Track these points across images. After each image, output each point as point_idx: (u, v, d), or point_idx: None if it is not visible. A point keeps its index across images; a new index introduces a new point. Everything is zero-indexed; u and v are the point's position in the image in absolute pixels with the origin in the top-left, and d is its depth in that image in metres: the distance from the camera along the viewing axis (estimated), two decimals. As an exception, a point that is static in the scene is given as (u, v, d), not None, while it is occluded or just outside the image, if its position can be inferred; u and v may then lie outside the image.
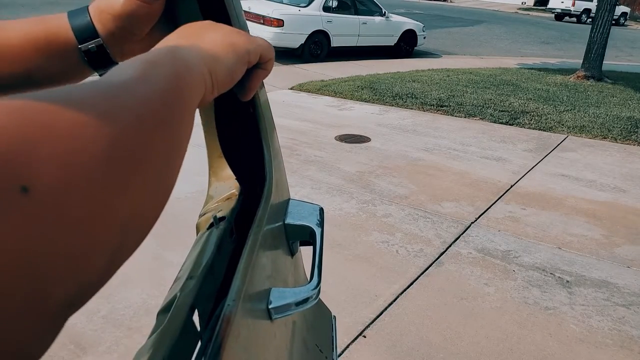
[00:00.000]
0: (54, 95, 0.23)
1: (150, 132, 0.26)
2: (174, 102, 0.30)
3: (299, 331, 0.65)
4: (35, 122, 0.20)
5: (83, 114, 0.22)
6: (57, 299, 0.20)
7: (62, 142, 0.20)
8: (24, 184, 0.18)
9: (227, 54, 0.41)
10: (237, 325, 0.41)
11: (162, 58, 0.33)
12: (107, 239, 0.22)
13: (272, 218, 0.56)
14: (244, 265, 0.45)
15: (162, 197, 0.28)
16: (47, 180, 0.19)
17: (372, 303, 2.51)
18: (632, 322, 2.52)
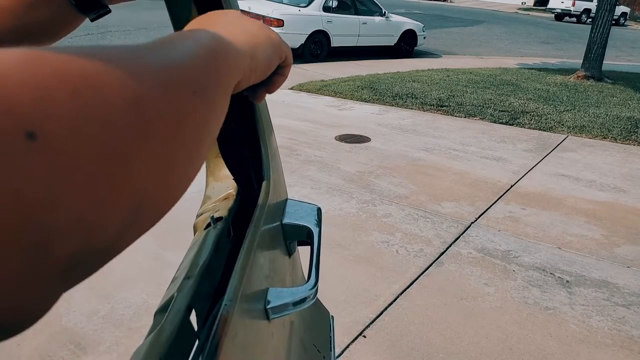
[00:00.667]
0: (79, 49, 0.22)
1: (177, 100, 0.25)
2: (207, 76, 0.30)
3: (297, 331, 0.65)
4: (51, 70, 0.19)
5: (106, 69, 0.22)
6: (61, 252, 0.19)
7: (78, 93, 0.20)
8: (31, 129, 0.18)
9: (266, 44, 0.42)
10: (234, 325, 0.41)
11: (201, 35, 0.33)
12: (120, 202, 0.21)
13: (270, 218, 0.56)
14: (241, 265, 0.45)
15: (185, 175, 0.27)
16: (58, 129, 0.19)
17: (372, 303, 2.51)
18: (632, 322, 2.52)
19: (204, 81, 0.29)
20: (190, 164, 0.27)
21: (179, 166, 0.26)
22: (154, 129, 0.23)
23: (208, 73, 0.30)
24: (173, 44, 0.29)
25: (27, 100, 0.18)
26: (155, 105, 0.24)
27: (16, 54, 0.19)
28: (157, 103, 0.24)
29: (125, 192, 0.22)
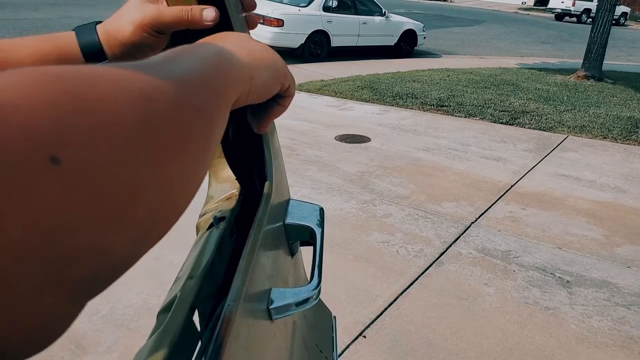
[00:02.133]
0: (91, 69, 0.22)
1: (183, 117, 0.26)
2: (211, 93, 0.30)
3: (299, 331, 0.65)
4: (71, 93, 0.20)
5: (117, 89, 0.22)
6: (80, 275, 0.19)
7: (95, 115, 0.20)
8: (54, 154, 0.18)
9: (268, 67, 0.42)
10: (237, 325, 0.41)
11: (205, 50, 0.34)
12: (134, 221, 0.22)
13: (272, 218, 0.56)
14: (244, 266, 0.45)
15: (191, 188, 0.28)
16: (79, 153, 0.19)
17: (372, 303, 2.51)
18: (633, 322, 2.52)
19: (208, 98, 0.29)
20: (195, 178, 0.28)
21: (186, 181, 0.27)
22: (163, 147, 0.24)
23: (212, 89, 0.30)
24: (178, 60, 0.30)
25: (48, 123, 0.18)
26: (164, 123, 0.24)
27: (30, 75, 0.19)
28: (165, 121, 0.24)
29: (139, 211, 0.22)
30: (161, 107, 0.24)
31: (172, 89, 0.26)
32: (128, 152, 0.21)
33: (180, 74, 0.28)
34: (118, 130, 0.21)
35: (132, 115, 0.22)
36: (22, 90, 0.18)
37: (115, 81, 0.22)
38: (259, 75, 0.40)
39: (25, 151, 0.17)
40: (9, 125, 0.17)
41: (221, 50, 0.36)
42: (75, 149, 0.19)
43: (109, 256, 0.21)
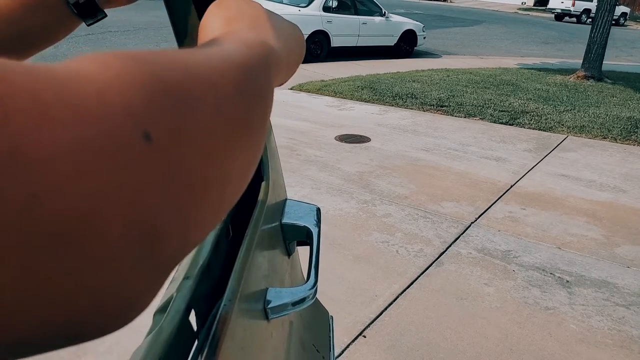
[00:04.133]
0: (163, 53, 0.23)
1: (247, 103, 0.27)
2: (265, 77, 0.31)
3: (296, 331, 0.65)
4: (151, 75, 0.20)
5: (190, 76, 0.23)
6: (164, 251, 0.20)
7: (175, 95, 0.21)
8: (147, 131, 0.18)
9: (297, 46, 0.42)
10: (233, 325, 0.41)
11: (248, 36, 0.34)
12: (214, 200, 0.23)
13: (269, 218, 0.56)
14: (240, 266, 0.45)
15: (251, 170, 0.29)
16: (166, 132, 0.19)
17: (372, 303, 2.51)
18: (632, 322, 2.52)
19: (262, 83, 0.30)
20: (253, 163, 0.30)
21: (246, 167, 0.28)
22: (231, 133, 0.25)
23: (264, 74, 0.31)
24: (230, 45, 0.31)
25: (140, 103, 0.19)
26: (231, 110, 0.25)
27: (119, 58, 0.20)
28: (232, 108, 0.25)
29: (213, 193, 0.23)
30: (228, 94, 0.25)
31: (235, 75, 0.27)
32: (205, 135, 0.22)
33: (237, 61, 0.29)
34: (196, 114, 0.22)
35: (205, 101, 0.23)
36: (114, 72, 0.19)
37: (186, 67, 0.23)
38: (292, 57, 0.41)
39: (124, 128, 0.18)
40: (109, 104, 0.18)
41: (262, 36, 0.36)
42: (163, 128, 0.19)
43: (191, 235, 0.22)
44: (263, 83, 0.31)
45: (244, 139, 0.26)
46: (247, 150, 0.27)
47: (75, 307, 0.16)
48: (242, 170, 0.27)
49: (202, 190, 0.22)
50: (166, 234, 0.19)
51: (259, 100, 0.29)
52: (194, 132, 0.21)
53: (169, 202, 0.19)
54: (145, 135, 0.18)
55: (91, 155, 0.16)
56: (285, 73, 0.39)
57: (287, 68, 0.39)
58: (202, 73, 0.24)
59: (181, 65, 0.23)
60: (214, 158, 0.23)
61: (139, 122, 0.18)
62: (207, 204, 0.23)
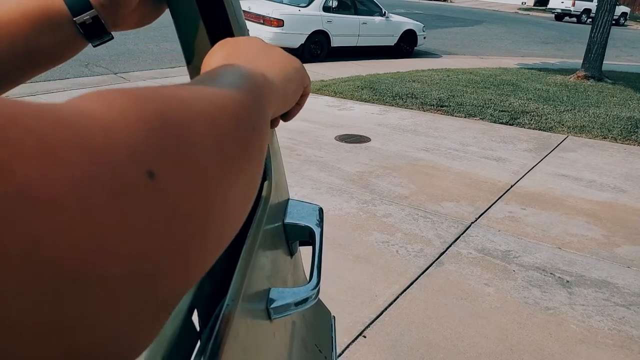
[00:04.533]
0: (164, 89, 0.23)
1: (245, 135, 0.27)
2: (258, 112, 0.31)
3: (298, 331, 0.65)
4: (157, 113, 0.21)
5: (190, 111, 0.23)
6: (169, 292, 0.20)
7: (177, 132, 0.21)
8: (150, 169, 0.18)
9: (294, 77, 0.43)
10: (236, 325, 0.41)
11: (244, 69, 0.35)
12: (213, 234, 0.23)
13: (272, 218, 0.56)
14: (243, 265, 0.45)
15: (249, 202, 0.29)
16: (168, 167, 0.19)
17: (372, 303, 2.51)
18: (632, 322, 2.52)
19: (259, 116, 0.31)
20: (251, 194, 0.30)
21: (244, 198, 0.28)
22: (230, 166, 0.25)
23: (260, 107, 0.32)
24: (227, 79, 0.31)
25: (143, 140, 0.19)
26: (230, 143, 0.25)
27: (124, 97, 0.20)
28: (230, 141, 0.25)
29: (214, 228, 0.23)
30: (228, 128, 0.25)
31: (233, 109, 0.27)
32: (206, 171, 0.22)
33: (234, 94, 0.29)
34: (198, 150, 0.22)
35: (208, 136, 0.23)
36: (119, 111, 0.19)
37: (188, 103, 0.23)
38: (289, 87, 0.41)
39: (129, 168, 0.18)
40: (115, 145, 0.18)
41: (258, 68, 0.37)
42: (167, 165, 0.19)
43: (193, 273, 0.21)
44: (260, 115, 0.31)
45: (242, 172, 0.27)
46: (246, 184, 0.27)
47: (76, 351, 0.16)
48: (240, 204, 0.27)
49: (203, 228, 0.22)
50: (168, 275, 0.19)
51: (256, 132, 0.29)
52: (195, 169, 0.21)
53: (172, 241, 0.19)
54: (149, 174, 0.18)
55: (97, 196, 0.16)
56: (282, 104, 0.40)
57: (283, 99, 0.39)
58: (203, 109, 0.24)
59: (183, 101, 0.23)
60: (214, 194, 0.23)
61: (144, 161, 0.18)
62: (207, 242, 0.22)
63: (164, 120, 0.21)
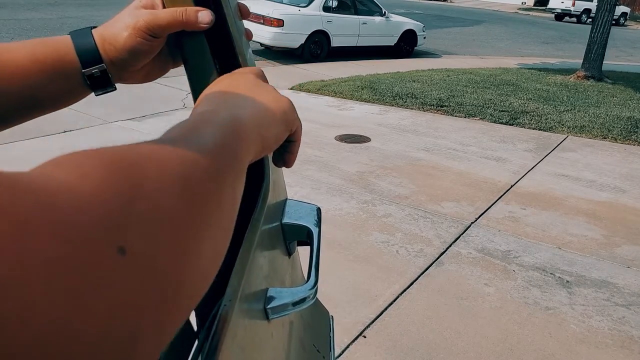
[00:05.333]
0: (135, 150, 0.23)
1: (217, 189, 0.27)
2: (235, 160, 0.32)
3: (296, 331, 0.65)
4: (127, 179, 0.20)
5: (161, 174, 0.23)
6: (140, 355, 0.19)
7: (151, 202, 0.21)
8: (121, 244, 0.18)
9: (279, 121, 0.43)
10: (233, 325, 0.41)
11: (223, 117, 0.35)
12: (185, 293, 0.23)
13: (269, 218, 0.56)
14: (240, 265, 0.45)
15: (224, 249, 0.29)
16: (141, 239, 0.19)
17: (372, 303, 2.51)
18: (633, 322, 2.52)
19: (232, 166, 0.31)
20: (226, 240, 0.30)
21: (218, 248, 0.28)
22: (202, 223, 0.25)
23: (234, 157, 0.32)
24: (201, 131, 0.31)
25: (117, 214, 0.18)
26: (201, 200, 0.25)
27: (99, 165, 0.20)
28: (202, 198, 0.25)
29: (191, 285, 0.23)
30: (199, 189, 0.25)
31: (205, 164, 0.27)
32: (179, 233, 0.22)
33: (207, 147, 0.29)
34: (171, 216, 0.22)
35: (180, 199, 0.23)
36: (94, 183, 0.19)
37: (162, 166, 0.23)
38: (271, 133, 0.42)
39: (99, 245, 0.17)
40: (86, 220, 0.17)
41: (236, 114, 0.37)
42: (139, 237, 0.19)
43: (165, 334, 0.21)
44: (234, 168, 0.31)
45: (216, 224, 0.26)
46: (219, 234, 0.27)
47: None
48: (214, 256, 0.27)
49: (176, 289, 0.21)
50: (141, 340, 0.19)
51: (229, 186, 0.29)
52: (168, 234, 0.21)
53: (143, 310, 0.19)
54: (120, 250, 0.18)
55: (65, 277, 0.16)
56: (261, 150, 0.40)
57: (262, 145, 0.39)
58: (177, 171, 0.24)
59: (159, 165, 0.23)
60: (187, 254, 0.23)
61: (115, 237, 0.18)
62: (182, 300, 0.22)
63: (138, 189, 0.20)
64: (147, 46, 0.52)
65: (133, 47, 0.52)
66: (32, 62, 0.50)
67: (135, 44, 0.52)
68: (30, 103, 0.52)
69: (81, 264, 0.16)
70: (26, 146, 3.98)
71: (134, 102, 5.36)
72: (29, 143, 4.03)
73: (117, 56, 0.53)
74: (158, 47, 0.54)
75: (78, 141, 4.32)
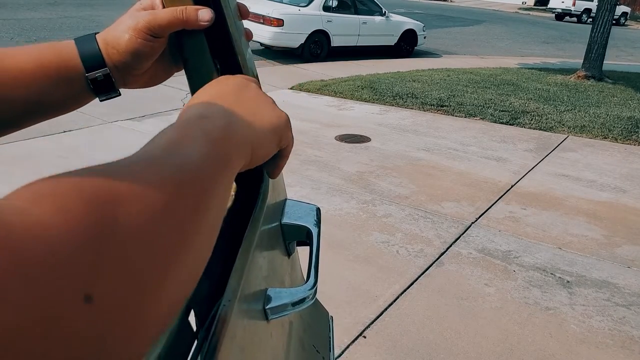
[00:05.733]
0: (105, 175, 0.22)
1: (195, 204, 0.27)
2: (217, 174, 0.32)
3: (296, 332, 0.64)
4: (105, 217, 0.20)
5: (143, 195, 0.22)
6: None
7: (127, 241, 0.20)
8: (88, 292, 0.17)
9: (269, 132, 0.43)
10: (233, 325, 0.41)
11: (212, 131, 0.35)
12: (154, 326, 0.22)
13: (269, 218, 0.56)
14: (240, 266, 0.45)
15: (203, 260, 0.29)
16: (108, 284, 0.19)
17: (372, 303, 2.51)
18: (633, 322, 2.51)
19: (220, 175, 0.31)
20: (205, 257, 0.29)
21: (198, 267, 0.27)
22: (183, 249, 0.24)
23: (224, 166, 0.32)
24: (190, 141, 0.31)
25: (86, 258, 0.18)
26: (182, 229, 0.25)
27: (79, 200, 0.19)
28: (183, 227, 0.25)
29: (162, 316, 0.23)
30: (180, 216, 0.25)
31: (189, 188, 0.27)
32: (151, 273, 0.21)
33: (194, 162, 0.29)
34: (144, 255, 0.21)
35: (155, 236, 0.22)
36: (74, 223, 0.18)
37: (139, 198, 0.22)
38: (260, 145, 0.41)
39: (66, 294, 0.17)
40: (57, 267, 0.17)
41: (230, 123, 0.37)
42: (107, 282, 0.19)
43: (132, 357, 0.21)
44: (224, 172, 0.31)
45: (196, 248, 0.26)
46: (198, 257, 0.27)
47: None
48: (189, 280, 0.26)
49: (145, 324, 0.21)
50: None
51: (217, 193, 0.29)
52: (141, 274, 0.21)
53: (112, 350, 0.19)
54: (86, 298, 0.17)
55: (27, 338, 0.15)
56: (249, 161, 0.39)
57: (250, 156, 0.39)
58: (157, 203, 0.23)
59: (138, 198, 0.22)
60: (160, 291, 0.22)
61: (82, 285, 0.17)
62: (149, 333, 0.22)
63: (115, 229, 0.20)
64: (148, 47, 0.52)
65: (135, 49, 0.52)
66: (36, 67, 0.50)
67: (137, 45, 0.52)
68: (34, 108, 0.52)
69: (41, 311, 0.16)
70: (26, 146, 3.98)
71: (134, 101, 5.36)
72: (29, 143, 4.03)
73: (120, 59, 0.53)
74: (160, 49, 0.54)
75: (78, 141, 4.32)
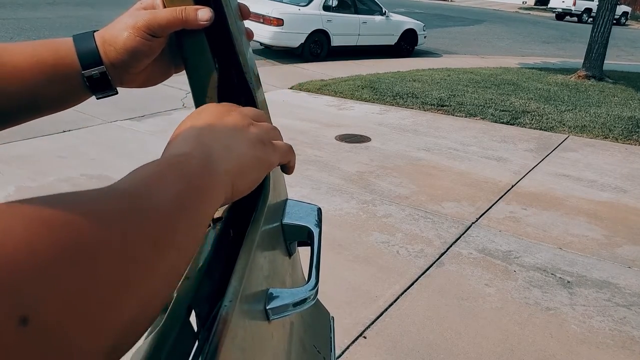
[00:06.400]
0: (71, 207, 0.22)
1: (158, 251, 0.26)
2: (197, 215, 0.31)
3: (297, 332, 0.64)
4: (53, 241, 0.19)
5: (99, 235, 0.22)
6: None
7: (65, 268, 0.20)
8: (24, 314, 0.17)
9: (251, 169, 0.42)
10: (234, 326, 0.41)
11: (190, 171, 0.34)
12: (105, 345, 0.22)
13: (270, 218, 0.56)
14: (241, 266, 0.45)
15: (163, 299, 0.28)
16: (51, 308, 0.18)
17: (373, 304, 2.51)
18: (633, 322, 2.51)
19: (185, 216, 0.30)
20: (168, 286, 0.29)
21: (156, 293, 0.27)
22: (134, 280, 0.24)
23: (195, 213, 0.32)
24: (162, 184, 0.30)
25: (24, 279, 0.17)
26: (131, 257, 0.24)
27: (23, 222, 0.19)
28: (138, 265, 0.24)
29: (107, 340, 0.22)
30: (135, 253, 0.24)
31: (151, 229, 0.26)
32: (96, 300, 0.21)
33: (162, 206, 0.28)
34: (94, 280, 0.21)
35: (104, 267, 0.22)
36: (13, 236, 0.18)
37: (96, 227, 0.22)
38: (242, 181, 0.41)
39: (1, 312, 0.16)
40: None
41: (205, 160, 0.36)
42: (49, 303, 0.18)
43: None
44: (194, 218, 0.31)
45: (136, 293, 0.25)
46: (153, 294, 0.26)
47: None
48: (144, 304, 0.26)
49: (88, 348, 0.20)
50: None
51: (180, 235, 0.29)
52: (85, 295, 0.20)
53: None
54: (22, 320, 0.17)
55: None
56: (231, 195, 0.39)
57: (231, 190, 0.39)
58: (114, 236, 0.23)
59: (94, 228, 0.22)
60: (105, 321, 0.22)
61: (19, 305, 0.17)
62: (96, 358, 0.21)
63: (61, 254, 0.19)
64: (147, 46, 0.52)
65: (133, 47, 0.52)
66: (32, 63, 0.50)
67: (135, 44, 0.52)
68: (30, 104, 0.51)
69: None
70: (26, 146, 3.98)
71: (134, 101, 5.35)
72: (29, 142, 4.03)
73: (117, 57, 0.52)
74: (158, 49, 0.53)
75: (78, 141, 4.32)
